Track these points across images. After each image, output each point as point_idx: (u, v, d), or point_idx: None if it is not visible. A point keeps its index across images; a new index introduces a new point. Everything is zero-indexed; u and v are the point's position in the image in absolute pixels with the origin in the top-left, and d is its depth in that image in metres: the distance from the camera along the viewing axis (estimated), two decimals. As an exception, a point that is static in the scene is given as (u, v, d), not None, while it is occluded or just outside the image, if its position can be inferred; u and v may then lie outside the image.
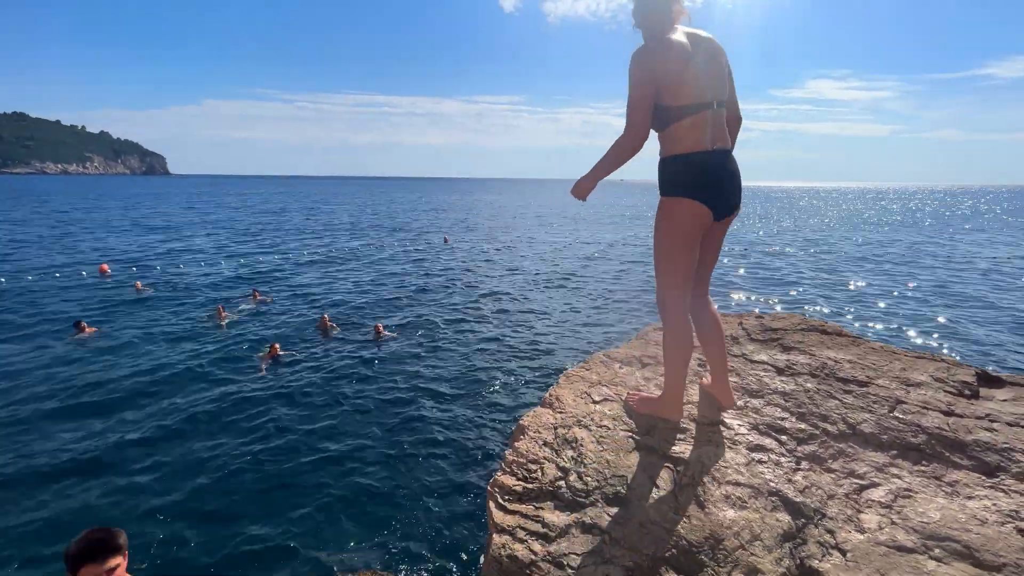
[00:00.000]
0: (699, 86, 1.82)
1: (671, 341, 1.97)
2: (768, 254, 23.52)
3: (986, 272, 19.22)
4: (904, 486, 1.73)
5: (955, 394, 2.17)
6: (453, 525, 5.08)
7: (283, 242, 25.39)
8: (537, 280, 17.01)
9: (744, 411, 2.14)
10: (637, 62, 1.81)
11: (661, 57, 1.79)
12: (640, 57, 1.81)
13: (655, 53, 1.80)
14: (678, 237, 1.91)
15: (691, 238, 1.91)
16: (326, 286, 15.42)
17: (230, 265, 18.56)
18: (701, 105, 1.83)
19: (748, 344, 2.67)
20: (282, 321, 11.43)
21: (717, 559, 1.51)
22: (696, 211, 1.87)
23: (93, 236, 26.26)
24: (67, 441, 6.33)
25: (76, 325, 10.34)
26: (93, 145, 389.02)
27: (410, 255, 22.03)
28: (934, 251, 25.03)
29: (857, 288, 16.30)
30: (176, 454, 6.14)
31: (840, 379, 2.30)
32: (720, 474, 1.80)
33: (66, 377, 8.23)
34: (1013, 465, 1.76)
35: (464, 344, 10.33)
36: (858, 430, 1.98)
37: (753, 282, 17.11)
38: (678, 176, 1.88)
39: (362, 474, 5.86)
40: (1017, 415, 2.01)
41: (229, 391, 7.82)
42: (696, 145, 1.84)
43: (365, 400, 7.65)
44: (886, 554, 1.49)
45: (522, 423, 2.14)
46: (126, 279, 15.51)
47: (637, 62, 1.81)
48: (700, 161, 1.85)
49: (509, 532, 1.65)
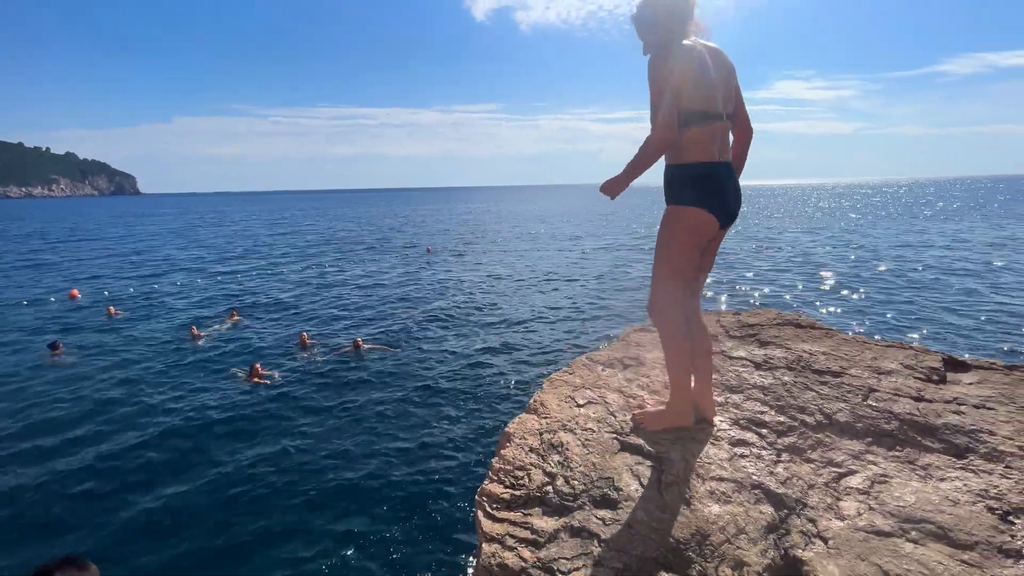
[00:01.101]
0: (714, 97, 1.83)
1: (674, 349, 1.96)
2: (755, 252, 23.99)
3: (941, 258, 19.93)
4: (880, 472, 1.78)
5: (924, 380, 2.25)
6: (443, 535, 5.04)
7: (260, 259, 24.98)
8: (518, 286, 17.06)
9: (725, 407, 2.18)
10: (665, 63, 1.80)
11: (687, 61, 1.78)
12: (669, 58, 1.80)
13: (681, 57, 1.79)
14: (684, 245, 1.91)
15: (695, 247, 1.93)
16: (306, 301, 15.21)
17: (206, 285, 18.18)
18: (714, 116, 1.84)
19: (727, 341, 2.72)
20: (261, 340, 11.23)
21: (704, 554, 1.53)
22: (704, 220, 1.87)
23: (60, 260, 25.46)
24: (35, 462, 6.11)
25: (52, 346, 10.06)
26: (59, 167, 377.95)
27: (394, 266, 21.89)
28: (902, 241, 25.87)
29: (827, 281, 16.74)
30: (156, 470, 6.04)
31: (815, 371, 2.36)
32: (704, 470, 1.83)
33: (39, 398, 8.00)
34: (981, 446, 1.83)
35: (447, 353, 10.29)
36: (834, 420, 2.03)
37: (733, 278, 17.43)
38: (687, 184, 1.88)
39: (348, 488, 5.78)
40: (983, 397, 2.09)
41: (210, 410, 7.64)
42: (705, 155, 1.85)
43: (347, 414, 7.56)
44: (865, 539, 1.53)
45: (508, 430, 2.14)
46: (98, 303, 15.05)
47: (665, 63, 1.80)
48: (709, 171, 1.87)
49: (498, 540, 1.64)
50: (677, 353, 1.95)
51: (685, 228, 1.90)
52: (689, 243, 1.91)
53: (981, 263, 18.89)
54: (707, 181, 1.86)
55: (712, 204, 1.87)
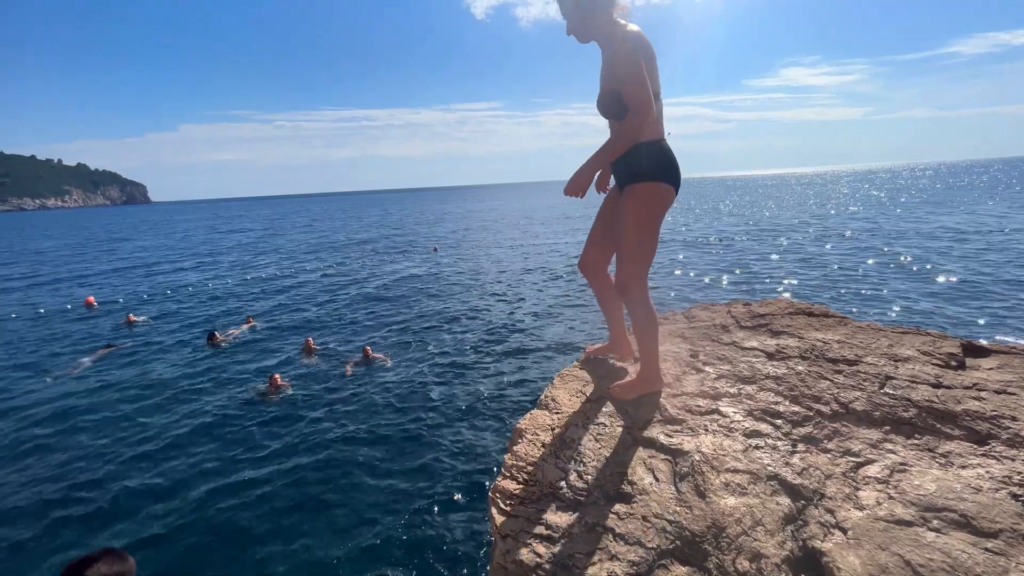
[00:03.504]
0: (657, 76, 1.94)
1: (646, 320, 2.06)
2: (756, 245, 23.75)
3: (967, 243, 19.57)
4: (899, 460, 1.75)
5: (942, 366, 2.20)
6: (458, 534, 5.06)
7: (270, 263, 25.19)
8: (525, 282, 17.04)
9: (738, 398, 2.16)
10: (635, 43, 1.87)
11: (645, 43, 1.88)
12: (637, 39, 1.87)
13: (642, 38, 1.89)
14: (655, 221, 2.02)
15: (660, 221, 2.04)
16: (313, 304, 15.31)
17: (219, 291, 18.37)
18: (659, 95, 1.95)
19: (738, 332, 2.69)
20: (277, 346, 11.28)
21: (721, 547, 1.51)
22: (669, 194, 2.01)
23: (75, 269, 25.86)
24: (68, 471, 6.22)
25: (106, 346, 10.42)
26: (71, 178, 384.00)
27: (400, 266, 21.96)
28: (904, 227, 25.46)
29: (836, 268, 16.52)
30: (179, 477, 6.10)
31: (830, 360, 2.32)
32: (718, 462, 1.81)
33: (64, 407, 8.17)
34: (1003, 432, 1.79)
35: (457, 351, 10.31)
36: (851, 408, 2.00)
37: (737, 272, 17.26)
38: (654, 161, 1.97)
39: (362, 488, 5.83)
40: (1003, 382, 2.05)
41: (231, 419, 7.73)
42: (658, 132, 1.99)
43: (359, 417, 7.60)
44: (886, 529, 1.51)
45: (519, 426, 2.13)
46: (116, 311, 15.27)
47: (635, 43, 1.87)
48: (666, 147, 2.00)
49: (512, 537, 1.64)
50: (649, 325, 2.05)
51: (661, 204, 2.00)
52: (658, 219, 2.03)
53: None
54: (665, 156, 1.99)
55: (673, 179, 2.00)
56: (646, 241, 2.01)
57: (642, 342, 2.10)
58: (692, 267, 18.01)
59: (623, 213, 2.02)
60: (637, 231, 1.99)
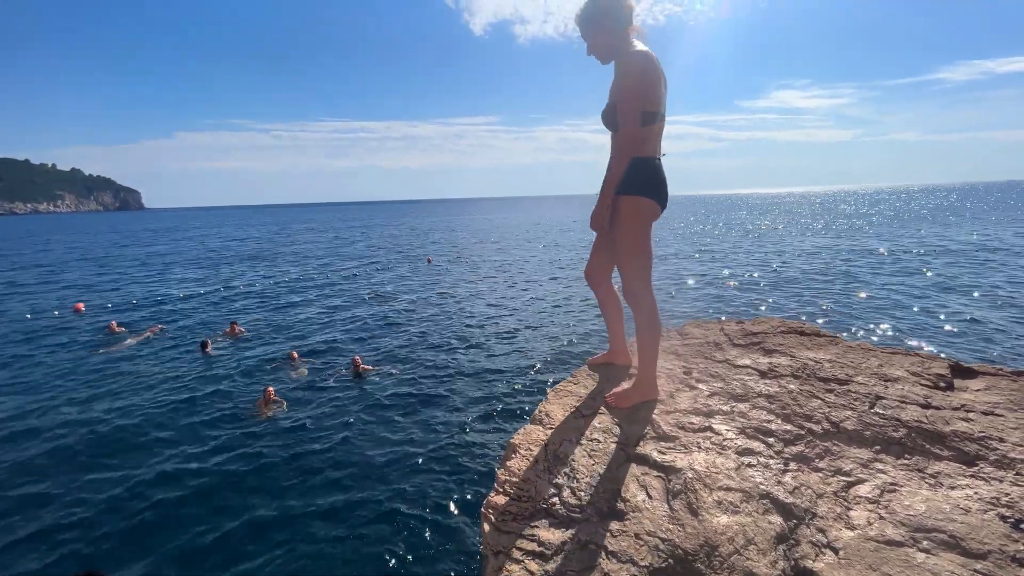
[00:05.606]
0: (663, 99, 2.04)
1: (649, 328, 2.13)
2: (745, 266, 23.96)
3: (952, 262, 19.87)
4: (889, 480, 1.77)
5: (931, 387, 2.23)
6: (449, 548, 5.00)
7: (259, 271, 25.06)
8: (519, 296, 17.05)
9: (731, 415, 2.17)
10: (638, 67, 1.97)
11: (652, 64, 1.98)
12: (644, 59, 1.97)
13: (649, 60, 1.98)
14: (639, 232, 2.11)
15: (646, 232, 2.13)
16: (304, 314, 15.22)
17: (206, 298, 18.23)
18: (662, 116, 2.04)
19: (731, 349, 2.71)
20: (267, 356, 11.14)
21: (713, 566, 1.51)
22: (654, 209, 2.11)
23: (65, 275, 25.59)
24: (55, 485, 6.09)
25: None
26: (64, 183, 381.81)
27: (394, 277, 21.92)
28: (898, 248, 25.82)
29: (824, 287, 16.69)
30: (166, 493, 5.96)
31: (821, 379, 2.34)
32: (711, 480, 1.82)
33: (60, 411, 7.99)
34: (991, 453, 1.81)
35: (449, 364, 10.26)
36: (842, 428, 2.02)
37: (729, 290, 17.38)
38: (641, 177, 2.06)
39: (353, 502, 5.74)
40: (991, 404, 2.08)
41: (221, 432, 7.62)
42: (653, 151, 2.08)
43: (347, 429, 7.52)
44: (876, 549, 1.52)
45: (513, 441, 2.13)
46: (104, 318, 15.09)
47: (638, 67, 1.97)
48: (657, 166, 2.09)
49: (505, 553, 1.63)
50: (651, 334, 2.14)
51: (644, 217, 2.10)
52: (644, 229, 2.12)
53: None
54: (655, 174, 2.09)
55: (659, 196, 2.10)
56: (637, 250, 2.12)
57: (642, 348, 2.16)
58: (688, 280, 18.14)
59: (613, 225, 2.15)
60: (624, 242, 2.12)
